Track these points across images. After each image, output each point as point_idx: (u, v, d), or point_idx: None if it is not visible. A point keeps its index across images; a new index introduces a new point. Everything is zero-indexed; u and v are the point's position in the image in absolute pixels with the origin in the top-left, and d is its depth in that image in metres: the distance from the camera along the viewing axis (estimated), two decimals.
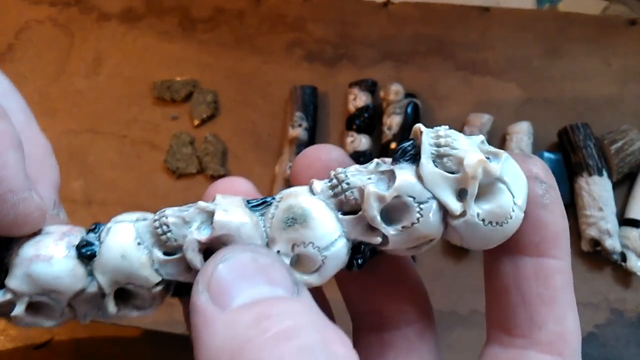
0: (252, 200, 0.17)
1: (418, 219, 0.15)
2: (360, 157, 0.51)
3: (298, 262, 0.16)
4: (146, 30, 0.61)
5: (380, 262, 0.18)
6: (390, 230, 0.15)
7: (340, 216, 0.16)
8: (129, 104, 0.58)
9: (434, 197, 0.15)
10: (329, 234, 0.15)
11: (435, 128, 0.17)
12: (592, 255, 0.47)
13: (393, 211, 0.16)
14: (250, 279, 0.13)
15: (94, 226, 0.16)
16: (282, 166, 0.52)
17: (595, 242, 0.46)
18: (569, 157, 0.49)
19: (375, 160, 0.17)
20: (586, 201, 0.47)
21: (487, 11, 0.57)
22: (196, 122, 0.56)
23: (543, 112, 0.52)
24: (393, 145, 0.51)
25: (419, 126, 0.16)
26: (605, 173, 0.47)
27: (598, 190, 0.46)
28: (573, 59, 0.54)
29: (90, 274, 0.16)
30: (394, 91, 0.52)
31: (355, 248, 0.16)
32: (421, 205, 0.15)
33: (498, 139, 0.51)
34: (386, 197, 0.15)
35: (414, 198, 0.15)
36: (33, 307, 0.15)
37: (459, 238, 0.16)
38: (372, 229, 0.16)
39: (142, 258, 0.16)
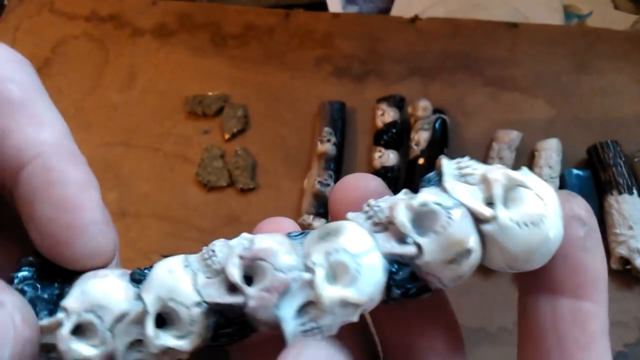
0: (293, 232, 0.17)
1: (448, 222, 0.15)
2: (388, 173, 0.52)
3: (334, 274, 0.16)
4: (178, 45, 0.63)
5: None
6: (422, 238, 0.16)
7: (374, 233, 0.16)
8: (162, 118, 0.60)
9: (462, 204, 0.16)
10: (362, 243, 0.16)
11: (456, 159, 0.17)
12: (621, 274, 0.47)
13: (423, 223, 0.16)
14: None
15: (146, 267, 0.17)
16: (311, 180, 0.53)
17: (625, 261, 0.46)
18: (598, 175, 0.49)
19: (404, 189, 0.17)
20: (616, 219, 0.47)
21: (515, 27, 0.58)
22: (227, 136, 0.57)
23: (572, 129, 0.52)
24: (421, 161, 0.51)
25: (441, 157, 0.17)
26: (635, 191, 0.47)
27: (628, 208, 0.46)
28: (602, 75, 0.54)
29: (138, 298, 0.16)
30: (422, 107, 0.53)
31: (393, 274, 0.16)
32: (449, 210, 0.16)
33: (527, 156, 0.52)
34: (413, 205, 0.16)
35: (441, 205, 0.16)
36: (78, 331, 0.16)
37: (499, 252, 0.16)
38: (405, 241, 0.16)
39: (187, 276, 0.16)
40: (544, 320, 0.16)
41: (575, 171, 0.49)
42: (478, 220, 0.16)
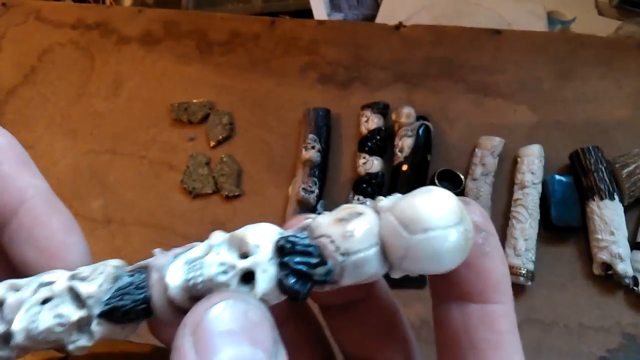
0: None
1: (348, 203, 0.17)
2: (372, 179, 0.52)
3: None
4: (164, 53, 0.63)
5: (370, 310, 0.19)
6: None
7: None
8: (148, 126, 0.60)
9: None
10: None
11: None
12: (603, 279, 0.47)
13: None
14: (236, 336, 0.14)
15: None
16: (295, 187, 0.53)
17: (607, 266, 0.46)
18: (580, 181, 0.49)
19: None
20: (597, 225, 0.47)
21: (498, 34, 0.58)
22: (212, 143, 0.57)
23: (554, 134, 0.53)
24: (405, 167, 0.52)
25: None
26: (616, 197, 0.47)
27: (609, 214, 0.47)
28: (585, 82, 0.55)
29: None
30: (406, 114, 0.53)
31: (288, 236, 0.16)
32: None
33: (509, 162, 0.52)
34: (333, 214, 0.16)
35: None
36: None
37: (391, 216, 0.15)
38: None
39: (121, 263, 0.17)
40: (457, 326, 0.17)
41: (557, 177, 0.50)
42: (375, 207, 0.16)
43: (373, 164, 0.53)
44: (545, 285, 0.48)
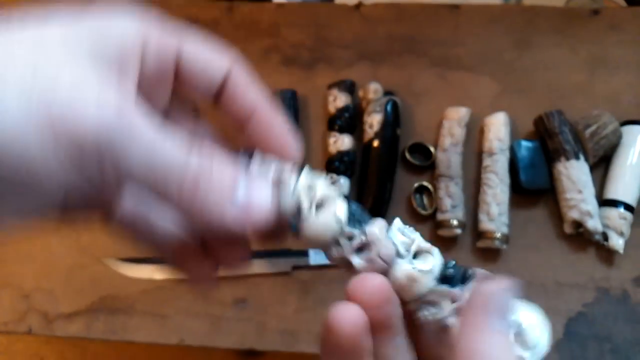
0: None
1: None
2: (344, 157, 0.52)
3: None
4: None
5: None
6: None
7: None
8: None
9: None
10: None
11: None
12: (575, 238, 0.48)
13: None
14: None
15: None
16: None
17: (578, 224, 0.48)
18: (545, 144, 0.50)
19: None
20: (565, 185, 0.48)
21: (456, 8, 0.59)
22: None
23: (518, 102, 0.54)
24: (376, 143, 0.51)
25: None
26: (581, 157, 0.49)
27: (576, 173, 0.48)
28: (542, 50, 0.56)
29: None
30: (373, 90, 0.53)
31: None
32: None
33: (476, 131, 0.53)
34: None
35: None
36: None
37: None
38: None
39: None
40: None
41: (524, 143, 0.51)
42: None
43: (344, 142, 0.52)
44: (520, 248, 0.48)
